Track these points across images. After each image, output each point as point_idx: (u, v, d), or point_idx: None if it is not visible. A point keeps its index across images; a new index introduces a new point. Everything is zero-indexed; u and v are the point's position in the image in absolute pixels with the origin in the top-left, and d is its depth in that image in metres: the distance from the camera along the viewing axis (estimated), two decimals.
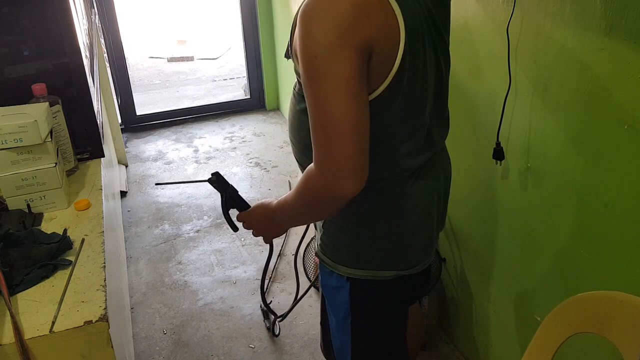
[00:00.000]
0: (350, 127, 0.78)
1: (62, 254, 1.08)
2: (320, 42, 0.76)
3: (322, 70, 0.77)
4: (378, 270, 1.03)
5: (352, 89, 0.77)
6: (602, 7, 1.01)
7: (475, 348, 1.74)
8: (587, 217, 1.16)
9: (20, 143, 1.15)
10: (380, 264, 1.03)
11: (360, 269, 1.03)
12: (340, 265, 1.04)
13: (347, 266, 1.03)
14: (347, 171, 0.80)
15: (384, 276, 1.03)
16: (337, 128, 0.78)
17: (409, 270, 1.05)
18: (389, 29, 0.80)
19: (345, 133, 0.78)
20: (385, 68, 0.82)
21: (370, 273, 1.03)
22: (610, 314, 0.89)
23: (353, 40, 0.76)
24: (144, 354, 1.89)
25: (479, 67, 1.45)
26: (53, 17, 1.35)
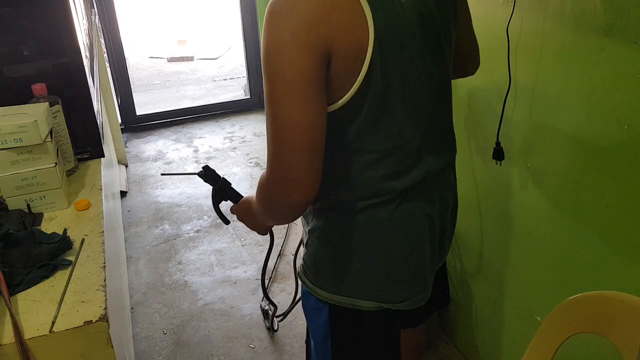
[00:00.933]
0: (297, 134, 0.73)
1: (62, 254, 1.08)
2: (274, 39, 0.72)
3: (273, 70, 0.73)
4: (357, 299, 0.93)
5: (301, 93, 0.72)
6: (602, 7, 1.01)
7: (475, 348, 1.74)
8: (587, 217, 1.16)
9: (20, 143, 1.15)
10: (359, 293, 0.93)
11: (339, 295, 0.94)
12: (319, 289, 0.96)
13: (326, 290, 0.95)
14: (292, 179, 0.76)
15: (363, 306, 0.93)
16: (283, 133, 0.74)
17: (393, 305, 0.94)
18: (354, 32, 0.73)
19: (290, 140, 0.74)
20: (350, 76, 0.75)
21: (349, 300, 0.93)
22: (610, 314, 0.89)
23: (307, 40, 0.71)
24: (144, 354, 1.89)
25: (479, 67, 1.44)
26: (53, 17, 1.35)
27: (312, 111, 0.74)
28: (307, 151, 0.75)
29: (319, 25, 0.71)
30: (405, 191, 0.89)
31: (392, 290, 0.94)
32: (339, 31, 0.72)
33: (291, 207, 0.81)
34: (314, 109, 0.74)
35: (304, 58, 0.71)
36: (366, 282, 0.92)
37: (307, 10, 0.71)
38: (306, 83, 0.72)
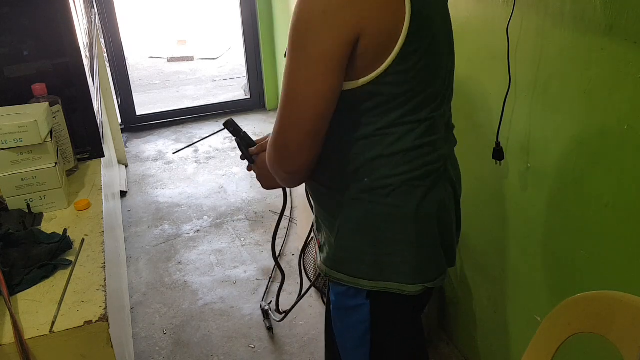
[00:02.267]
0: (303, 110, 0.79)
1: (62, 254, 1.08)
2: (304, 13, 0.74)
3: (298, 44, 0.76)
4: (404, 283, 0.93)
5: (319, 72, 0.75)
6: (602, 7, 1.01)
7: (475, 348, 1.74)
8: (587, 217, 1.16)
9: (20, 143, 1.15)
10: (405, 276, 0.93)
11: (385, 281, 0.93)
12: (361, 280, 0.94)
13: (369, 279, 0.93)
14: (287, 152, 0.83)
15: (410, 290, 0.93)
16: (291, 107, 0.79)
17: (434, 283, 0.95)
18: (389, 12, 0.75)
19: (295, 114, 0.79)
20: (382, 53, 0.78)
21: (395, 286, 0.93)
22: (610, 314, 0.89)
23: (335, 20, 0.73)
24: (144, 354, 1.89)
25: (479, 67, 1.44)
26: (53, 17, 1.35)
27: (324, 91, 0.77)
28: (307, 130, 0.80)
29: (350, 7, 0.72)
30: (438, 167, 0.91)
31: (433, 268, 0.95)
32: (371, 12, 0.73)
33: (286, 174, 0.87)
34: (327, 89, 0.77)
35: (329, 38, 0.73)
36: (411, 264, 0.92)
37: None
38: (326, 62, 0.75)
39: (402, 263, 0.92)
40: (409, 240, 0.91)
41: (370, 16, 0.74)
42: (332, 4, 0.72)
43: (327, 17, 0.72)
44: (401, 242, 0.91)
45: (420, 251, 0.92)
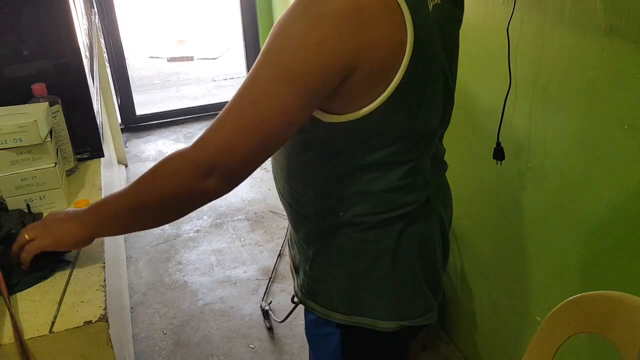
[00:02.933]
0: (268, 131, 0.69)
1: (61, 254, 1.08)
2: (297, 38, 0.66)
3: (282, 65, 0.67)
4: (376, 319, 0.89)
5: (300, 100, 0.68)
6: (602, 8, 1.01)
7: (475, 348, 1.74)
8: (587, 217, 1.16)
9: (20, 143, 1.15)
10: (378, 313, 0.88)
11: (357, 316, 0.89)
12: (332, 312, 0.90)
13: (341, 312, 0.90)
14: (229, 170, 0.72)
15: (383, 327, 0.89)
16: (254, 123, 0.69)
17: (413, 321, 0.91)
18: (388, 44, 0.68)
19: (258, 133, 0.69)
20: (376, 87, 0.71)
21: (368, 321, 0.89)
22: (610, 314, 0.89)
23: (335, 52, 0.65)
24: (143, 354, 1.89)
25: (479, 67, 1.44)
26: (53, 17, 1.35)
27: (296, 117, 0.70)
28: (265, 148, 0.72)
29: (350, 38, 0.65)
30: (417, 206, 0.86)
31: (412, 306, 0.90)
32: (370, 44, 0.66)
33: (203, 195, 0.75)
34: (298, 115, 0.70)
35: (321, 69, 0.66)
36: (385, 301, 0.88)
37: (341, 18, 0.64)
38: (308, 92, 0.68)
39: (376, 299, 0.88)
40: (385, 277, 0.87)
41: (369, 47, 0.66)
42: (330, 35, 0.65)
43: (324, 49, 0.65)
44: (376, 277, 0.87)
45: (396, 288, 0.88)
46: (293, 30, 0.67)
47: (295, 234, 0.96)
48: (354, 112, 0.72)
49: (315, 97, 0.69)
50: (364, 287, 0.88)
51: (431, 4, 0.75)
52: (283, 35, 0.67)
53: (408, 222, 0.86)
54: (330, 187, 0.83)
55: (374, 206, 0.83)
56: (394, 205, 0.84)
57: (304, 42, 0.65)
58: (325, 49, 0.65)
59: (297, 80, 0.67)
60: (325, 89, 0.68)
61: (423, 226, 0.88)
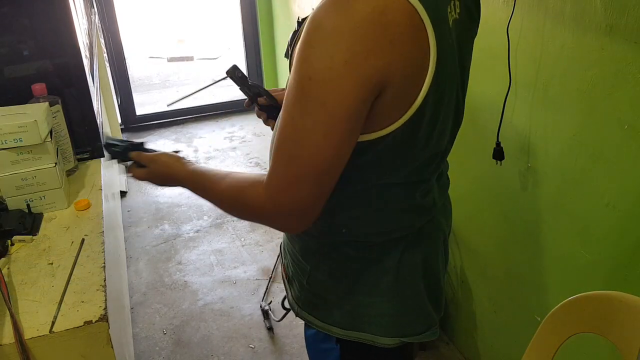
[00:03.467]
0: (320, 169, 0.67)
1: None
2: (321, 63, 0.62)
3: (313, 97, 0.63)
4: (377, 335, 0.87)
5: (340, 127, 0.64)
6: (602, 7, 1.01)
7: (475, 348, 1.74)
8: (587, 217, 1.16)
9: (20, 143, 1.15)
10: (379, 329, 0.87)
11: (357, 332, 0.87)
12: (332, 327, 0.89)
13: (341, 327, 0.88)
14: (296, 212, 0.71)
15: (384, 343, 0.87)
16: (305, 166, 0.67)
17: (415, 338, 0.89)
18: (414, 62, 0.64)
19: (311, 174, 0.67)
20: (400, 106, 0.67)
21: (368, 337, 0.87)
22: (610, 314, 0.89)
23: (361, 70, 0.61)
24: (143, 354, 1.89)
25: (479, 66, 1.44)
26: (53, 16, 1.35)
27: (344, 146, 0.66)
28: (322, 186, 0.69)
29: (376, 54, 0.61)
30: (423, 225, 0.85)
31: (414, 323, 0.89)
32: (398, 62, 0.62)
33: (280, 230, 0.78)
34: (346, 143, 0.67)
35: (353, 91, 0.62)
36: (386, 318, 0.86)
37: (366, 35, 0.60)
38: (348, 117, 0.64)
39: (378, 315, 0.86)
40: (387, 293, 0.85)
41: (397, 66, 0.63)
42: (356, 53, 0.60)
43: (351, 68, 0.61)
44: (379, 294, 0.85)
45: (399, 305, 0.87)
46: (316, 55, 0.62)
47: (290, 245, 0.94)
48: (373, 133, 0.69)
49: (357, 119, 0.65)
50: (365, 303, 0.86)
51: (451, 19, 0.72)
52: (308, 61, 0.63)
53: (412, 240, 0.84)
54: (339, 205, 0.80)
55: (381, 226, 0.81)
56: (401, 226, 0.82)
57: (329, 65, 0.61)
58: (353, 68, 0.61)
59: (333, 110, 0.63)
60: (364, 110, 0.65)
61: (427, 243, 0.87)
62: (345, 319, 0.88)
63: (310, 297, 0.90)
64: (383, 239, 0.83)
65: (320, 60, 0.62)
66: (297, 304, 0.94)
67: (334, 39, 0.61)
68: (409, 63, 0.64)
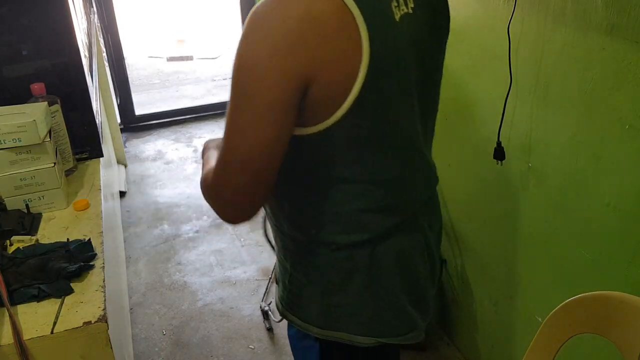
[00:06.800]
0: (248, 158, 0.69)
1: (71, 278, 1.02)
2: (248, 55, 0.65)
3: (241, 88, 0.66)
4: (353, 334, 0.87)
5: (267, 118, 0.66)
6: (603, 7, 1.01)
7: (475, 349, 1.74)
8: (588, 217, 1.16)
9: (19, 143, 1.14)
10: (355, 328, 0.87)
11: (334, 331, 0.88)
12: (310, 326, 0.89)
13: (318, 327, 0.89)
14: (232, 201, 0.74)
15: (361, 342, 0.87)
16: (235, 154, 0.69)
17: (392, 339, 0.89)
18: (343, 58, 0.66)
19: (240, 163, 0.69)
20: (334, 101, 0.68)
21: (344, 336, 0.87)
22: (611, 315, 0.89)
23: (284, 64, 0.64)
24: (143, 355, 1.89)
25: (480, 66, 1.44)
26: (52, 16, 1.34)
27: (271, 136, 0.68)
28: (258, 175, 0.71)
29: (301, 49, 0.63)
30: (395, 225, 0.83)
31: (391, 324, 0.89)
32: (325, 56, 0.65)
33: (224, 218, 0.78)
34: (273, 134, 0.68)
35: (277, 84, 0.65)
36: (361, 318, 0.87)
37: (292, 30, 0.63)
38: (275, 109, 0.66)
39: (352, 315, 0.87)
40: (360, 293, 0.85)
41: (323, 60, 0.65)
42: (280, 47, 0.63)
43: (275, 62, 0.64)
44: (351, 294, 0.85)
45: (373, 305, 0.87)
46: (246, 47, 0.65)
47: (275, 245, 0.95)
48: (317, 125, 0.71)
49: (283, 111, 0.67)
50: (339, 303, 0.86)
51: (399, 14, 0.72)
52: (240, 52, 0.66)
53: (384, 239, 0.83)
54: (303, 203, 0.81)
55: (346, 227, 0.81)
56: (368, 226, 0.81)
57: (255, 57, 0.64)
58: (276, 62, 0.63)
59: (258, 102, 0.65)
60: (290, 103, 0.66)
61: (403, 242, 0.86)
62: (323, 319, 0.88)
63: (291, 296, 0.91)
64: (352, 239, 0.82)
65: (248, 52, 0.65)
66: (281, 304, 0.94)
67: (263, 32, 0.64)
68: (338, 57, 0.65)
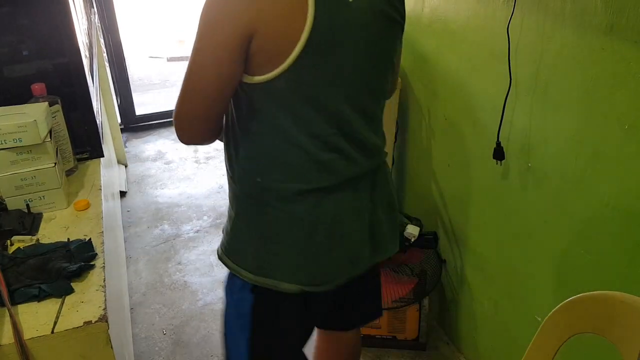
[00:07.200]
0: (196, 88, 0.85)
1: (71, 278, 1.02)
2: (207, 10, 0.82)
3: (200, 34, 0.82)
4: (279, 281, 0.95)
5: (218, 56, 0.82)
6: (602, 7, 1.01)
7: (475, 348, 1.74)
8: (587, 217, 1.16)
9: (20, 143, 1.15)
10: (281, 275, 0.95)
11: (263, 277, 0.96)
12: (242, 270, 0.98)
13: (250, 271, 0.97)
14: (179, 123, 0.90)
15: (285, 289, 0.96)
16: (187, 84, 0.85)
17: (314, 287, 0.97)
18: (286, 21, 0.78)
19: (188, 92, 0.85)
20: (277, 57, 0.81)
21: (272, 282, 0.96)
22: (611, 314, 0.89)
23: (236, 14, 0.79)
24: (143, 355, 1.89)
25: (479, 66, 1.44)
26: (52, 17, 1.35)
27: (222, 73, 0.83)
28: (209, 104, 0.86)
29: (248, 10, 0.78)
30: (333, 185, 0.93)
31: (318, 274, 0.97)
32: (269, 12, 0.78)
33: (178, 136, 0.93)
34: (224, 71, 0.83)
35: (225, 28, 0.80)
36: (288, 266, 0.96)
37: None
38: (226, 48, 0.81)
39: (283, 263, 0.95)
40: (295, 244, 0.94)
41: (266, 19, 0.78)
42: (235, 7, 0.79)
43: (226, 8, 0.80)
44: (287, 244, 0.94)
45: (304, 255, 0.95)
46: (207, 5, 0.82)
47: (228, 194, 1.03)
48: (262, 76, 0.83)
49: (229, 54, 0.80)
50: (274, 251, 0.95)
51: None
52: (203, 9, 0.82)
53: (323, 197, 0.92)
54: (252, 150, 0.92)
55: (286, 177, 0.91)
56: (305, 179, 0.91)
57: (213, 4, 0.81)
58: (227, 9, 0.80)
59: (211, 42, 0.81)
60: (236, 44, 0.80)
61: (339, 201, 0.94)
62: (256, 265, 0.97)
63: (231, 242, 1.00)
64: (290, 190, 0.91)
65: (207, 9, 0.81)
66: (221, 249, 1.03)
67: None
68: (282, 16, 0.78)
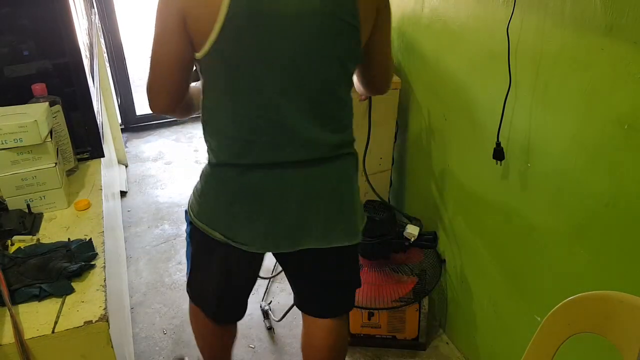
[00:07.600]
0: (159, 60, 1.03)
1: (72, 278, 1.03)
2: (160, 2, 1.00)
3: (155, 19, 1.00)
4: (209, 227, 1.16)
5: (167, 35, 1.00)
6: (602, 7, 1.01)
7: (475, 348, 1.74)
8: (587, 217, 1.16)
9: (20, 143, 1.15)
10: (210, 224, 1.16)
11: (199, 221, 1.18)
12: (190, 210, 1.21)
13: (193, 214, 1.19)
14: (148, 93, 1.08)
15: (211, 234, 1.15)
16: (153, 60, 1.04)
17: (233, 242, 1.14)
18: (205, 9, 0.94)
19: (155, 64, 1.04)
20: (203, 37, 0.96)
21: (204, 227, 1.16)
22: (610, 314, 0.89)
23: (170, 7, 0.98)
24: (144, 354, 1.89)
25: (479, 67, 1.45)
26: (53, 17, 1.35)
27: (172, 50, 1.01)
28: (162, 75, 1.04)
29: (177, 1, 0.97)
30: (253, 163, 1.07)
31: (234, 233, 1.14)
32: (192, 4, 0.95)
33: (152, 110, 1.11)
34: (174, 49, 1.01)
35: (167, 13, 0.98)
36: (216, 221, 1.15)
37: None
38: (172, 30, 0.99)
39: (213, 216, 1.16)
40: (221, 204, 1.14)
41: (191, 4, 0.95)
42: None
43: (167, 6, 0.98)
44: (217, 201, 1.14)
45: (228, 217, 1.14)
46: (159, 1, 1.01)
47: None
48: (199, 52, 0.99)
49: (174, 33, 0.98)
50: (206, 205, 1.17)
51: None
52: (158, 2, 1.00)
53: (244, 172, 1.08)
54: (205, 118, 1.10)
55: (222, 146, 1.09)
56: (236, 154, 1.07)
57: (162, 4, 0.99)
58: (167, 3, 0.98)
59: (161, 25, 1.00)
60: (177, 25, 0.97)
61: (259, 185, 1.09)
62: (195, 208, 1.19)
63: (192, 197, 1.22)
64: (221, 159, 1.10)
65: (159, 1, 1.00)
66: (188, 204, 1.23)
67: None
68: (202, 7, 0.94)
